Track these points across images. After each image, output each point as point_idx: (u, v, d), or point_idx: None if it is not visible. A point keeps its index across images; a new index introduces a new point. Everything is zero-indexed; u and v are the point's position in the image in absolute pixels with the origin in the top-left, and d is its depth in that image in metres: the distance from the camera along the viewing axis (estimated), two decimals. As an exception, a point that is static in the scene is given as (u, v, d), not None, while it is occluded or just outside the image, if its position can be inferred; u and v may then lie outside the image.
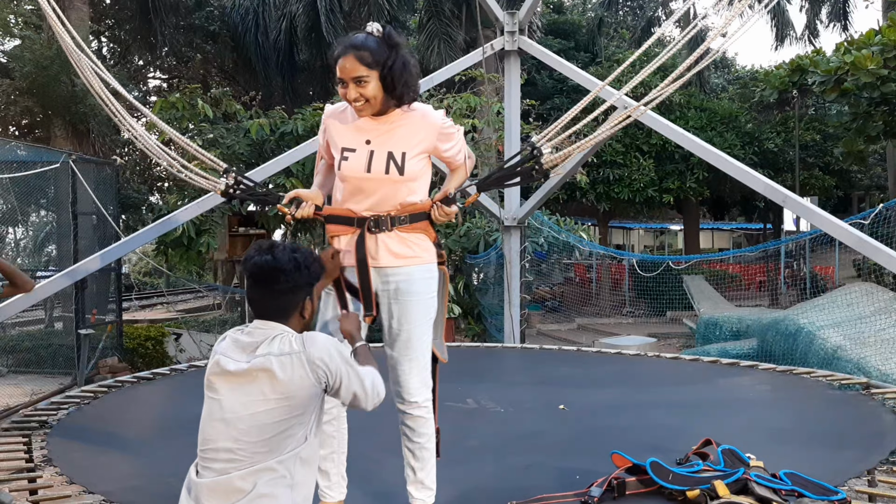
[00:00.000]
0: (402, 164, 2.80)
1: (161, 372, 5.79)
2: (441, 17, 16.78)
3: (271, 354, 2.08)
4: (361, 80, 2.72)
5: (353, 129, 2.88)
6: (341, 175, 2.85)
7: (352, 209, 2.85)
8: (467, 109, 11.36)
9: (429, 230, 2.91)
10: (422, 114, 2.91)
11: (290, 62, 18.84)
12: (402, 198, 2.83)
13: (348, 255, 2.88)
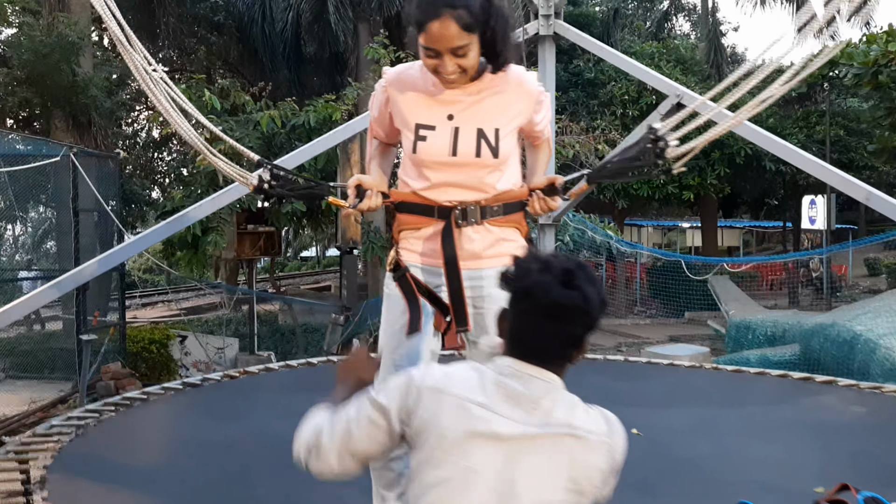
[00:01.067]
0: (497, 144, 2.30)
1: (173, 386, 5.24)
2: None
3: (576, 427, 1.56)
4: (461, 50, 2.15)
5: (430, 101, 2.33)
6: (417, 158, 2.35)
7: (430, 197, 2.36)
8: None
9: (522, 224, 2.43)
10: (517, 78, 2.37)
11: (296, 53, 18.26)
12: (493, 184, 2.35)
13: (426, 252, 2.39)
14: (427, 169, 2.33)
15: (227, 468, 3.65)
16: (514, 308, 1.61)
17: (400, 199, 2.42)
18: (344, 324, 11.61)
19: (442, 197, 2.33)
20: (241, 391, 5.26)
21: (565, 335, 1.60)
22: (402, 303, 2.37)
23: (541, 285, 1.58)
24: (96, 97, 11.77)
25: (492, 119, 2.30)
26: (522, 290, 1.61)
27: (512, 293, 1.62)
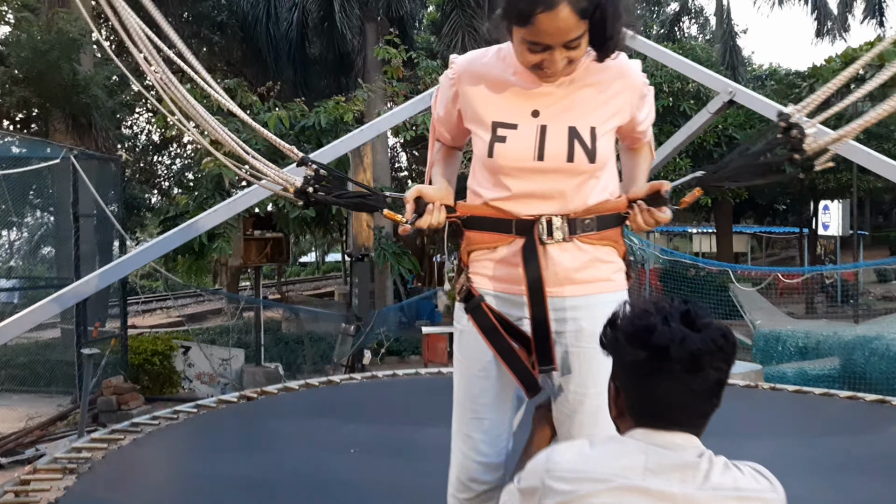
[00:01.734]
0: (593, 146, 1.85)
1: (186, 410, 4.76)
2: (465, 8, 15.75)
3: (742, 489, 1.37)
4: (575, 43, 1.71)
5: (511, 93, 1.88)
6: (493, 164, 1.89)
7: (508, 209, 1.90)
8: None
9: (620, 241, 1.97)
10: (619, 67, 1.90)
11: (301, 54, 17.83)
12: (587, 193, 1.89)
13: (502, 276, 1.92)
14: (506, 176, 1.88)
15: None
16: (637, 373, 1.41)
17: (470, 214, 1.96)
18: (355, 334, 11.15)
19: (523, 210, 1.89)
20: (261, 415, 4.79)
21: (708, 387, 1.39)
22: (479, 342, 1.93)
23: (673, 338, 1.36)
24: (97, 97, 11.28)
25: (587, 115, 1.86)
26: (653, 350, 1.36)
27: (628, 358, 1.41)
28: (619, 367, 1.45)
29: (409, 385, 5.66)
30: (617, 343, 1.44)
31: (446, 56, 15.21)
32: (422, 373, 6.14)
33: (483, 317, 1.92)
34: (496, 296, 1.94)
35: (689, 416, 1.41)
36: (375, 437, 4.21)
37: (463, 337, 2.00)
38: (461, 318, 2.00)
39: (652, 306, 1.44)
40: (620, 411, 1.47)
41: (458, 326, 2.02)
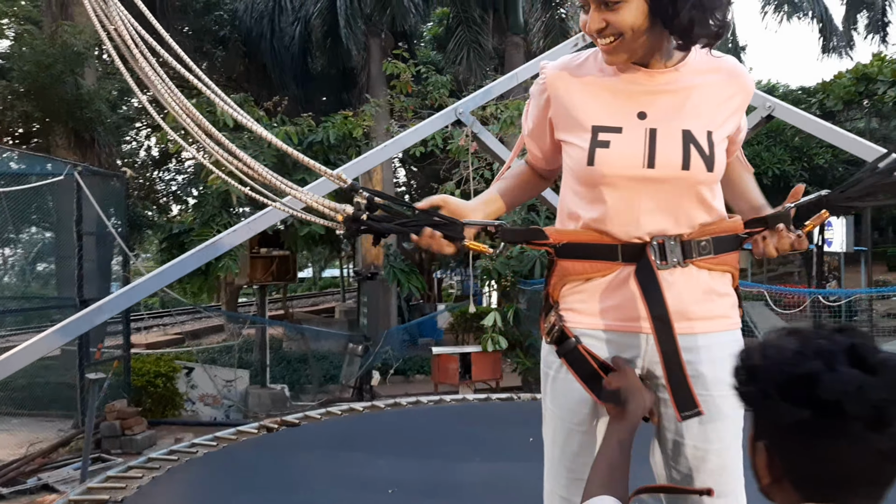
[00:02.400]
0: (711, 152, 1.62)
1: (204, 443, 4.50)
2: (471, 24, 15.61)
3: None
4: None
5: (611, 94, 1.67)
6: (594, 173, 1.64)
7: (611, 231, 1.66)
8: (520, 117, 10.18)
9: (737, 268, 1.74)
10: (731, 69, 1.72)
11: (303, 69, 17.66)
12: (700, 211, 1.67)
13: (606, 312, 1.69)
14: (608, 188, 1.64)
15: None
16: (799, 435, 1.10)
17: (565, 240, 1.70)
18: (363, 354, 10.89)
19: (629, 230, 1.64)
20: (286, 449, 4.53)
21: (889, 447, 1.08)
22: (577, 390, 1.69)
23: (846, 389, 1.06)
24: (101, 111, 11.03)
25: (702, 118, 1.64)
26: (820, 407, 1.06)
27: (787, 418, 1.09)
28: (772, 426, 1.15)
29: (435, 413, 5.41)
30: (766, 399, 1.14)
31: (451, 72, 15.09)
32: (447, 399, 5.89)
33: (581, 361, 1.69)
34: (594, 335, 1.70)
35: (876, 485, 1.12)
36: (411, 473, 3.96)
37: (557, 385, 1.76)
38: (552, 362, 1.77)
39: (804, 343, 1.14)
40: (776, 478, 1.17)
41: (550, 373, 1.78)
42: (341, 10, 15.61)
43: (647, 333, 1.65)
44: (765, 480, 1.20)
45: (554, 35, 15.16)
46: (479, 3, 16.18)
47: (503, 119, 9.85)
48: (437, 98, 11.57)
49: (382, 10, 15.29)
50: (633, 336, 1.68)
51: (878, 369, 1.09)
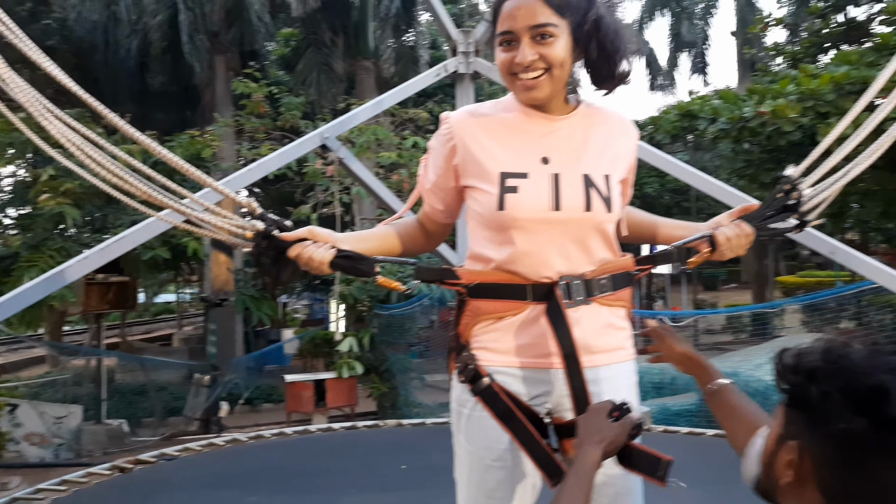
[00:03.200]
0: (609, 194, 1.71)
1: (50, 488, 4.10)
2: (320, 46, 15.53)
3: None
4: (545, 31, 1.64)
5: (516, 141, 1.73)
6: (505, 217, 1.69)
7: (521, 272, 1.71)
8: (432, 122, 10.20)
9: (630, 302, 1.84)
10: (619, 117, 1.85)
11: (141, 85, 16.77)
12: (598, 251, 1.75)
13: (517, 350, 1.72)
14: (518, 231, 1.69)
15: None
16: (848, 446, 1.06)
17: (477, 280, 1.74)
18: (210, 385, 10.38)
19: (538, 270, 1.70)
20: (145, 491, 4.22)
21: None
22: (492, 428, 1.72)
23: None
24: None
25: (599, 163, 1.74)
26: (883, 423, 1.04)
27: (840, 424, 1.05)
28: (820, 431, 1.10)
29: (302, 444, 5.26)
30: (824, 402, 1.09)
31: (303, 93, 14.90)
32: (312, 429, 5.74)
33: (495, 399, 1.71)
34: (508, 373, 1.74)
35: None
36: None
37: (472, 423, 1.76)
38: (466, 401, 1.77)
39: (873, 355, 1.12)
40: (800, 480, 1.14)
41: (464, 411, 1.78)
42: (183, 24, 15.02)
43: (558, 368, 1.71)
44: (784, 479, 1.16)
45: (404, 61, 15.40)
46: (329, 26, 16.15)
47: (359, 143, 9.84)
48: (290, 120, 11.38)
49: (229, 28, 14.87)
50: (544, 372, 1.73)
51: None
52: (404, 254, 1.91)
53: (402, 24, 15.89)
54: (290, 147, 5.63)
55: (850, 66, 10.22)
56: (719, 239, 1.78)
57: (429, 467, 2.61)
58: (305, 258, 1.69)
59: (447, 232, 1.98)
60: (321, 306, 25.40)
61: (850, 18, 14.19)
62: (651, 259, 1.83)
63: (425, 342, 12.84)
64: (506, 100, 1.81)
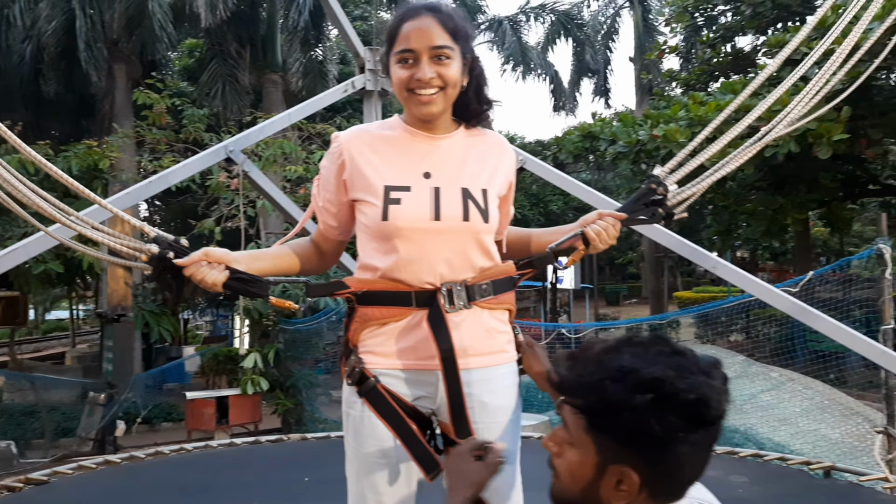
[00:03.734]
0: (486, 206, 1.87)
1: None
2: (226, 58, 15.29)
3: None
4: (443, 53, 1.82)
5: (400, 157, 1.89)
6: (388, 227, 1.82)
7: (405, 279, 1.83)
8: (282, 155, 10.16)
9: (513, 305, 1.98)
10: (498, 139, 2.03)
11: (35, 93, 16.05)
12: (479, 259, 1.89)
13: (401, 353, 1.84)
14: (401, 240, 1.82)
15: None
16: (665, 448, 1.19)
17: (364, 288, 1.86)
18: (106, 403, 10.01)
19: (421, 277, 1.83)
20: None
21: (709, 452, 1.26)
22: (378, 427, 1.84)
23: (721, 403, 1.21)
24: None
25: (477, 179, 1.89)
26: (709, 423, 1.20)
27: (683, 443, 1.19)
28: (643, 447, 1.19)
29: (204, 460, 5.16)
30: (670, 427, 1.16)
31: (208, 105, 14.60)
32: (213, 444, 5.65)
33: (380, 400, 1.83)
34: (392, 375, 1.85)
35: (684, 487, 1.26)
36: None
37: (358, 423, 1.87)
38: (354, 402, 1.89)
39: (694, 369, 1.20)
40: (633, 496, 1.22)
41: (352, 412, 1.89)
42: (80, 31, 14.46)
43: (439, 370, 1.82)
44: (617, 501, 1.22)
45: (313, 75, 15.35)
46: (235, 37, 15.94)
47: (265, 157, 9.77)
48: (193, 132, 11.17)
49: (129, 36, 14.44)
50: (427, 374, 1.84)
51: (715, 375, 1.22)
52: (300, 273, 2.01)
53: (311, 39, 15.85)
54: (193, 159, 5.55)
55: (735, 94, 10.90)
56: (590, 234, 1.94)
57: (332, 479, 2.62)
58: (198, 279, 1.76)
59: (341, 250, 2.09)
60: (225, 322, 24.86)
61: (737, 49, 15.09)
62: (529, 263, 1.98)
63: (332, 357, 12.80)
64: (391, 120, 1.96)
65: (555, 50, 23.18)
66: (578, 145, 14.38)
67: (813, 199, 13.01)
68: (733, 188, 12.85)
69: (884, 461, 3.89)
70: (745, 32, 14.54)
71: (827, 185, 12.43)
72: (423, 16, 1.82)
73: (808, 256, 17.81)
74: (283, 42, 16.58)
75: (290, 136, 10.66)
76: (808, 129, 8.72)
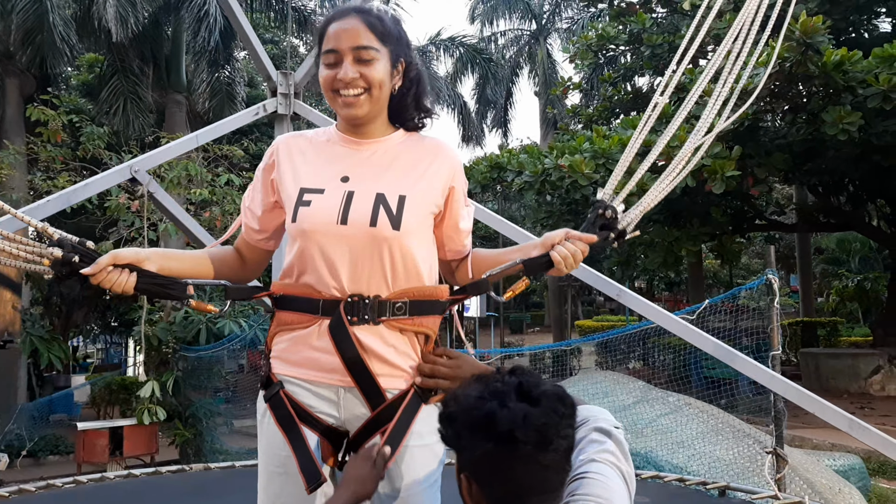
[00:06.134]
0: (399, 213, 1.76)
1: None
2: (128, 74, 14.83)
3: None
4: (366, 53, 1.79)
5: (323, 161, 1.86)
6: (297, 229, 1.78)
7: (316, 286, 1.78)
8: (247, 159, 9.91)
9: (434, 330, 1.86)
10: (435, 144, 1.92)
11: None
12: (397, 275, 1.79)
13: (305, 362, 1.80)
14: (308, 242, 1.78)
15: None
16: (489, 462, 1.37)
17: (282, 292, 1.84)
18: (-12, 434, 9.37)
19: (329, 283, 1.76)
20: None
21: (560, 456, 1.39)
22: (277, 435, 1.79)
23: (515, 420, 1.34)
24: None
25: (397, 183, 1.80)
26: (499, 438, 1.34)
27: (477, 451, 1.38)
28: (468, 459, 1.39)
29: (98, 493, 4.93)
30: (460, 438, 1.40)
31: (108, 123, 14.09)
32: (110, 476, 5.39)
33: (281, 406, 1.79)
34: (297, 383, 1.81)
35: (547, 490, 1.38)
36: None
37: (262, 429, 1.85)
38: (261, 407, 1.86)
39: (484, 389, 1.40)
40: (477, 502, 1.41)
41: (259, 417, 1.88)
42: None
43: (339, 386, 1.78)
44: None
45: (220, 97, 15.06)
46: (138, 54, 15.48)
47: (169, 178, 9.51)
48: (92, 149, 10.76)
49: (25, 49, 13.81)
50: (325, 388, 1.80)
51: (540, 400, 1.36)
52: (214, 278, 1.93)
53: (221, 59, 15.58)
54: (96, 178, 5.36)
55: (635, 129, 11.40)
56: (556, 258, 1.81)
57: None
58: (108, 286, 1.69)
59: (265, 260, 2.03)
60: (118, 350, 23.74)
61: (636, 88, 15.82)
62: (463, 290, 1.90)
63: (233, 386, 12.42)
64: (329, 128, 1.94)
65: (463, 82, 23.59)
66: (486, 176, 14.64)
67: (705, 232, 13.67)
68: (633, 220, 13.35)
69: (773, 480, 4.12)
70: (643, 73, 15.28)
71: (718, 218, 13.09)
72: (350, 17, 1.81)
73: (700, 287, 18.68)
74: (190, 62, 16.22)
75: (194, 158, 10.41)
76: (704, 164, 9.23)
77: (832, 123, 9.14)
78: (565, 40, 24.13)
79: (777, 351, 4.26)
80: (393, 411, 1.77)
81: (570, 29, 24.34)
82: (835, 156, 11.40)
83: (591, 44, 14.69)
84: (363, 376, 1.75)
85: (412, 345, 1.83)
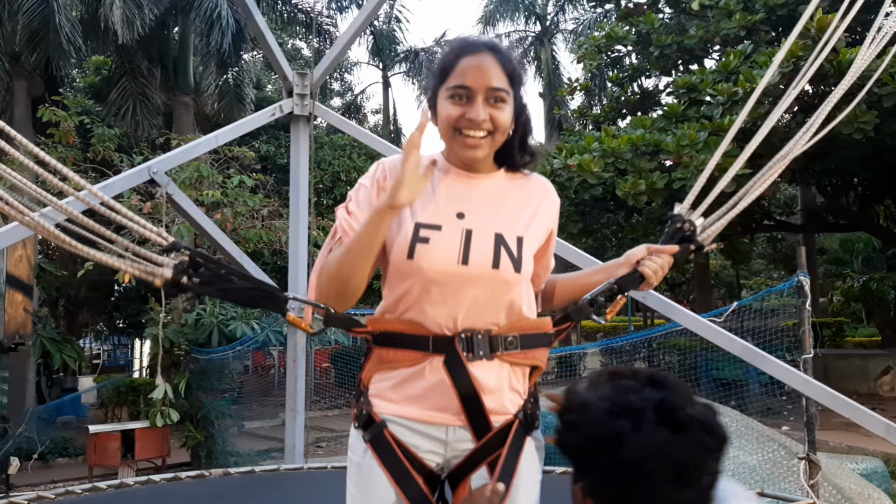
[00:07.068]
0: (519, 255, 1.73)
1: None
2: (136, 76, 14.80)
3: None
4: (499, 95, 1.71)
5: (436, 195, 1.77)
6: (413, 267, 1.70)
7: (424, 323, 1.71)
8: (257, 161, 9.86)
9: (543, 363, 1.82)
10: (543, 183, 1.90)
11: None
12: (509, 309, 1.75)
13: (414, 401, 1.73)
14: (424, 281, 1.71)
15: None
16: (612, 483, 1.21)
17: (382, 329, 1.75)
18: None
19: (442, 321, 1.70)
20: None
21: (702, 494, 1.20)
22: (381, 478, 1.71)
23: (649, 450, 1.14)
24: None
25: (514, 224, 1.76)
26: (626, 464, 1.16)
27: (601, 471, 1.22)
28: (589, 475, 1.25)
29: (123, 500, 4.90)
30: (581, 451, 1.25)
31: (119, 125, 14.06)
32: (129, 482, 5.35)
33: (386, 448, 1.71)
34: (400, 423, 1.73)
35: None
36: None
37: (361, 471, 1.75)
38: (358, 448, 1.76)
39: (616, 399, 1.22)
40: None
41: (355, 458, 1.77)
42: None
43: (449, 426, 1.72)
44: None
45: (229, 99, 15.03)
46: (146, 56, 15.46)
47: (181, 180, 9.47)
48: (102, 151, 10.73)
49: (33, 50, 13.77)
50: (437, 428, 1.73)
51: (684, 426, 1.16)
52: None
53: (230, 61, 15.54)
54: (115, 179, 5.35)
55: (645, 129, 11.36)
56: (648, 273, 1.83)
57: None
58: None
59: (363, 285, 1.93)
60: (124, 351, 23.71)
61: (643, 88, 15.75)
62: (567, 317, 1.85)
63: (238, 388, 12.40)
64: (434, 154, 1.83)
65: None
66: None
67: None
68: (641, 221, 13.31)
69: (809, 486, 4.08)
70: (651, 74, 15.21)
71: (727, 219, 13.03)
72: (483, 53, 1.72)
73: (706, 287, 18.65)
74: (198, 64, 16.19)
75: (203, 159, 10.37)
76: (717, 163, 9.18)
77: (847, 122, 9.10)
78: (570, 42, 24.07)
79: (809, 354, 4.20)
80: (497, 443, 1.72)
81: (574, 30, 24.27)
82: (845, 156, 11.36)
83: (600, 44, 14.63)
84: (477, 413, 1.70)
85: (523, 379, 1.80)
